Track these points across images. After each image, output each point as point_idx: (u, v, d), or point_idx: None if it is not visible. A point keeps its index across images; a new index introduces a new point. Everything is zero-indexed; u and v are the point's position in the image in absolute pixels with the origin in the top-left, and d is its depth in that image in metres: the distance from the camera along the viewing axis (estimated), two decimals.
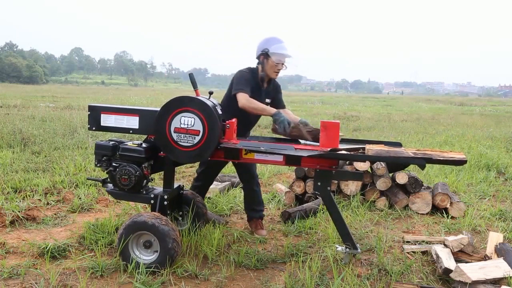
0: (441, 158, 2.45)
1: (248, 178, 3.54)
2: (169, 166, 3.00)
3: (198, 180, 3.58)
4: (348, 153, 2.68)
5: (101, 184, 3.20)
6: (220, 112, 2.81)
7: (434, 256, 2.90)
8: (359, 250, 2.82)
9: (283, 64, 3.30)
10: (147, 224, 2.61)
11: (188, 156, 2.74)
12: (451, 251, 2.94)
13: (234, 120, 2.92)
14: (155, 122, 2.76)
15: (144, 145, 2.91)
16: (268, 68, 3.29)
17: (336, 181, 4.35)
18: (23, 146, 6.63)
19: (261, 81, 3.35)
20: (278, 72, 3.33)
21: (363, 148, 2.76)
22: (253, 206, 3.55)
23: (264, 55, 3.27)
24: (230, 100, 3.28)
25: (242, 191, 4.62)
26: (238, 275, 2.74)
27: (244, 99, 3.12)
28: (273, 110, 3.11)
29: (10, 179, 4.61)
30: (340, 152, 2.69)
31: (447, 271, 2.60)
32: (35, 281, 2.51)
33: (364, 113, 18.53)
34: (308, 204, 4.05)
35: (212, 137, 2.68)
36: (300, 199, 4.43)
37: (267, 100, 3.42)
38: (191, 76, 3.06)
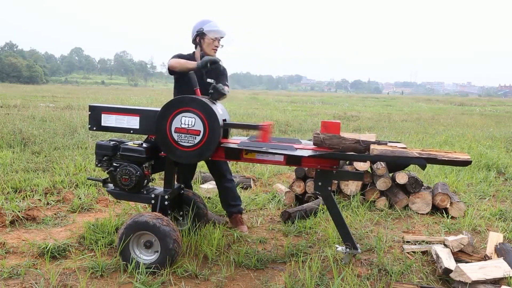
0: (446, 159, 2.45)
1: (219, 176, 3.57)
2: (169, 166, 3.00)
3: (178, 180, 3.57)
4: (350, 153, 2.68)
5: (101, 184, 3.20)
6: (221, 112, 2.81)
7: (434, 256, 2.90)
8: (359, 250, 2.82)
9: (219, 41, 3.38)
10: (148, 224, 2.61)
11: (188, 156, 2.74)
12: (451, 251, 2.94)
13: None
14: (155, 122, 2.76)
15: (144, 145, 2.92)
16: (205, 47, 3.37)
17: (336, 181, 4.35)
18: (23, 146, 6.63)
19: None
20: (215, 50, 3.40)
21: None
22: (229, 201, 3.58)
23: (200, 35, 3.35)
24: (177, 90, 3.43)
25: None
26: (238, 275, 2.74)
27: (172, 61, 3.22)
28: (193, 63, 3.14)
29: (10, 179, 4.61)
30: (341, 152, 2.68)
31: (447, 271, 2.60)
32: (35, 281, 2.51)
33: (364, 113, 18.53)
34: (308, 204, 4.05)
35: (212, 137, 2.68)
36: (300, 199, 4.43)
37: (209, 80, 3.42)
38: (191, 76, 3.06)
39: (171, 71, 3.28)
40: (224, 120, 2.83)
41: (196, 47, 3.45)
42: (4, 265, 2.68)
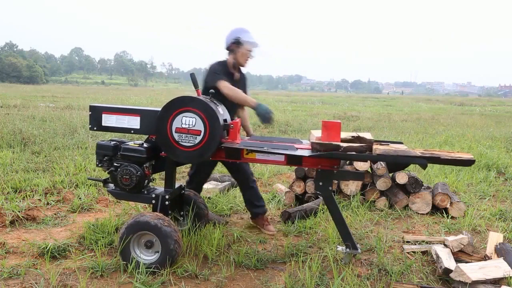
0: (449, 158, 2.44)
1: (243, 178, 3.57)
2: (170, 166, 3.00)
3: (191, 183, 3.58)
4: (350, 153, 2.68)
5: (102, 184, 3.20)
6: (221, 112, 2.81)
7: (434, 256, 2.90)
8: (359, 250, 2.83)
9: (251, 52, 3.42)
10: (150, 224, 2.61)
11: (189, 156, 2.74)
12: (451, 251, 2.94)
13: (238, 120, 2.92)
14: (156, 122, 2.76)
15: (145, 145, 2.91)
16: (239, 56, 3.38)
17: (336, 181, 4.34)
18: (23, 146, 6.63)
19: (233, 68, 3.43)
20: (247, 60, 3.44)
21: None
22: (255, 202, 3.59)
23: (236, 44, 3.35)
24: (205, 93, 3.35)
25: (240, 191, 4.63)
26: (238, 275, 2.74)
27: (227, 88, 3.17)
28: (254, 102, 3.15)
29: (10, 179, 4.62)
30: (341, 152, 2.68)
31: (447, 271, 2.60)
32: (35, 281, 2.51)
33: (364, 113, 18.53)
34: (308, 204, 4.05)
35: (213, 137, 2.68)
36: (300, 199, 4.43)
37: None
38: (192, 76, 3.06)
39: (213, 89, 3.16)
40: (225, 120, 2.83)
41: (229, 54, 3.42)
42: (4, 265, 2.69)
